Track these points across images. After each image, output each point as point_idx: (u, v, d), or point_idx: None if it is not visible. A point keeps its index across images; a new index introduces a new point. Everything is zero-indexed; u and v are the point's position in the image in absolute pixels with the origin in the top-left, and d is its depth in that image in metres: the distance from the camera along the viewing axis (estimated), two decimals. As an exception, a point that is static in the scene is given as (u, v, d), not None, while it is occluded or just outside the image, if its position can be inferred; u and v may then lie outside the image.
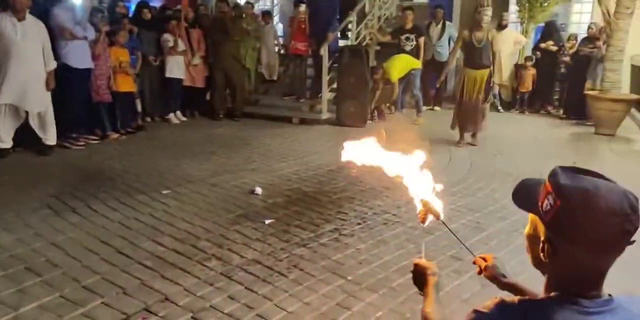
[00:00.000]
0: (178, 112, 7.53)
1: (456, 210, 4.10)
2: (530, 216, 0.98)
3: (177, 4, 8.04)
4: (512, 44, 8.53)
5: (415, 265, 1.33)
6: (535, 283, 1.02)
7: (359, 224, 3.83)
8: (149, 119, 7.27)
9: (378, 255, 3.31)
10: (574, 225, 0.85)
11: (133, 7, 8.06)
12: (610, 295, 0.91)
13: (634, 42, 7.82)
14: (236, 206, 4.11)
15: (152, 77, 7.13)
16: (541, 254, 0.92)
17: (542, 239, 0.92)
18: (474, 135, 6.44)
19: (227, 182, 4.71)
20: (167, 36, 7.04)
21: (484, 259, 1.39)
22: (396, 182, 1.36)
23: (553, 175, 0.91)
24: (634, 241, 0.85)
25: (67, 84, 5.56)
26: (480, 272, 1.39)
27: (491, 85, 6.50)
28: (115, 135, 6.25)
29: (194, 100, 7.81)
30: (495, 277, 1.35)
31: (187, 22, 7.32)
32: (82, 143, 5.86)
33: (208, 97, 7.93)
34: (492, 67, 6.24)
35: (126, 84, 6.37)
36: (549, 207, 0.89)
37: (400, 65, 7.54)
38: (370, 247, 3.43)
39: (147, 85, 7.11)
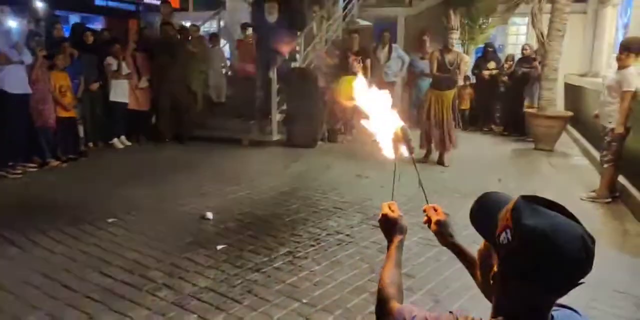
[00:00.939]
0: (122, 137, 7.32)
1: (408, 228, 4.16)
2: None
3: (120, 27, 7.88)
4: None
5: (384, 215, 1.31)
6: (483, 302, 1.04)
7: (312, 245, 3.81)
8: (91, 145, 7.01)
9: (333, 276, 3.29)
10: (528, 266, 0.85)
11: (69, 30, 7.84)
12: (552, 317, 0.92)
13: (567, 62, 8.39)
14: (187, 233, 4.00)
15: (94, 102, 6.92)
16: (491, 281, 0.92)
17: (494, 268, 0.91)
18: (441, 157, 6.48)
19: (176, 208, 4.58)
20: (110, 59, 6.88)
21: (435, 210, 1.39)
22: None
23: (515, 209, 0.88)
24: (583, 282, 0.86)
25: (1, 111, 5.30)
26: (427, 222, 1.39)
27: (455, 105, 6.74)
28: (56, 163, 5.98)
29: (139, 124, 7.61)
30: (442, 234, 1.36)
31: (135, 45, 7.20)
32: (20, 171, 5.58)
33: (154, 120, 7.77)
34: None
35: (67, 109, 6.15)
36: (506, 242, 0.88)
37: (349, 86, 7.70)
38: (324, 268, 3.41)
39: (89, 109, 6.88)
